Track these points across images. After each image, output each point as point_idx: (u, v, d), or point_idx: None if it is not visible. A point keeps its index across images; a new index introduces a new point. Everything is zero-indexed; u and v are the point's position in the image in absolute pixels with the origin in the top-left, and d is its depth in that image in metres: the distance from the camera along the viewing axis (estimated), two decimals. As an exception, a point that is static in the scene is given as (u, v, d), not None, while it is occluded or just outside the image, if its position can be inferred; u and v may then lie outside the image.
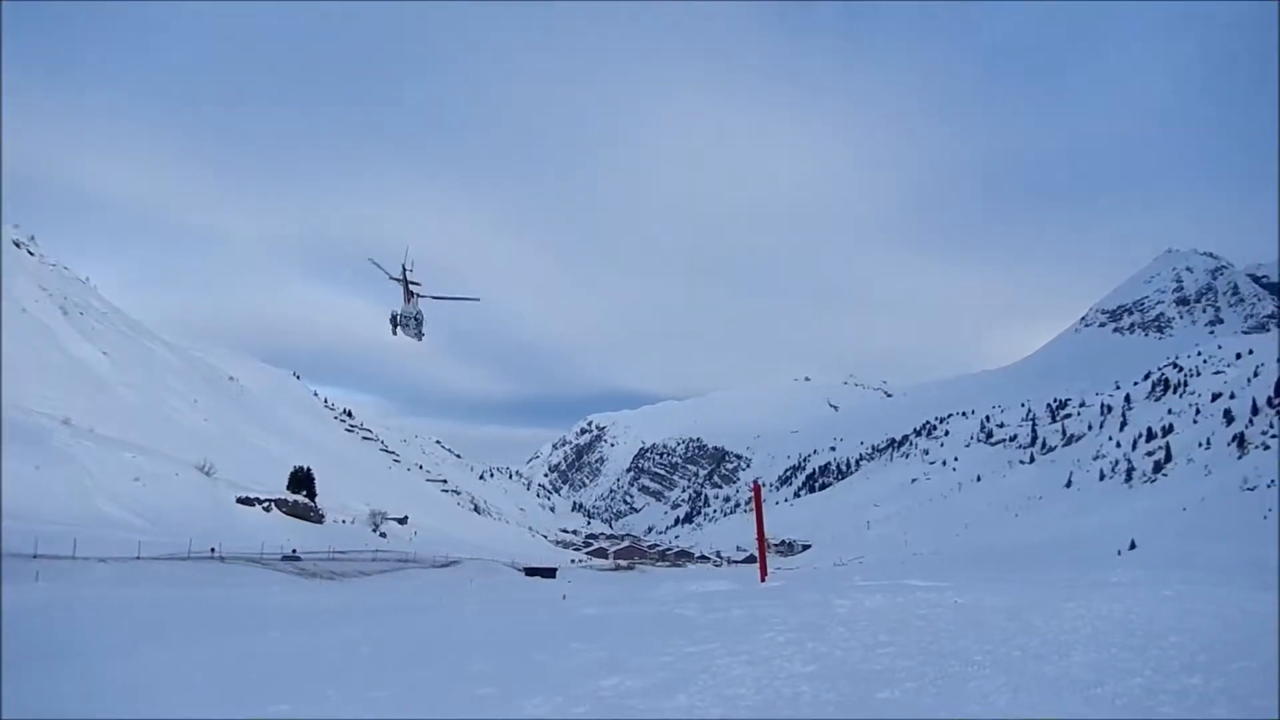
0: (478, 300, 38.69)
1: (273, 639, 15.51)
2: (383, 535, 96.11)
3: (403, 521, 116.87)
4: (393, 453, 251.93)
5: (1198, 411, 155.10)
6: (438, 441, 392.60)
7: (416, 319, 35.27)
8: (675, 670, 10.00)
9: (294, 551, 64.79)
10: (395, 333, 35.33)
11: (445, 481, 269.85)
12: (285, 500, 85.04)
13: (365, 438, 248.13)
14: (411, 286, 34.71)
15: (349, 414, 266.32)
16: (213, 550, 52.48)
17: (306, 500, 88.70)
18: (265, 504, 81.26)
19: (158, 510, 66.44)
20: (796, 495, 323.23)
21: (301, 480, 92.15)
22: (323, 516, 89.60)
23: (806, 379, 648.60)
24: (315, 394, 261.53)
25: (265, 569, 50.70)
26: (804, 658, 10.53)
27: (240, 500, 78.91)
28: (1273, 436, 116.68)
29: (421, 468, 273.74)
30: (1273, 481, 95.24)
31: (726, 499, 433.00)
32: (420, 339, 35.66)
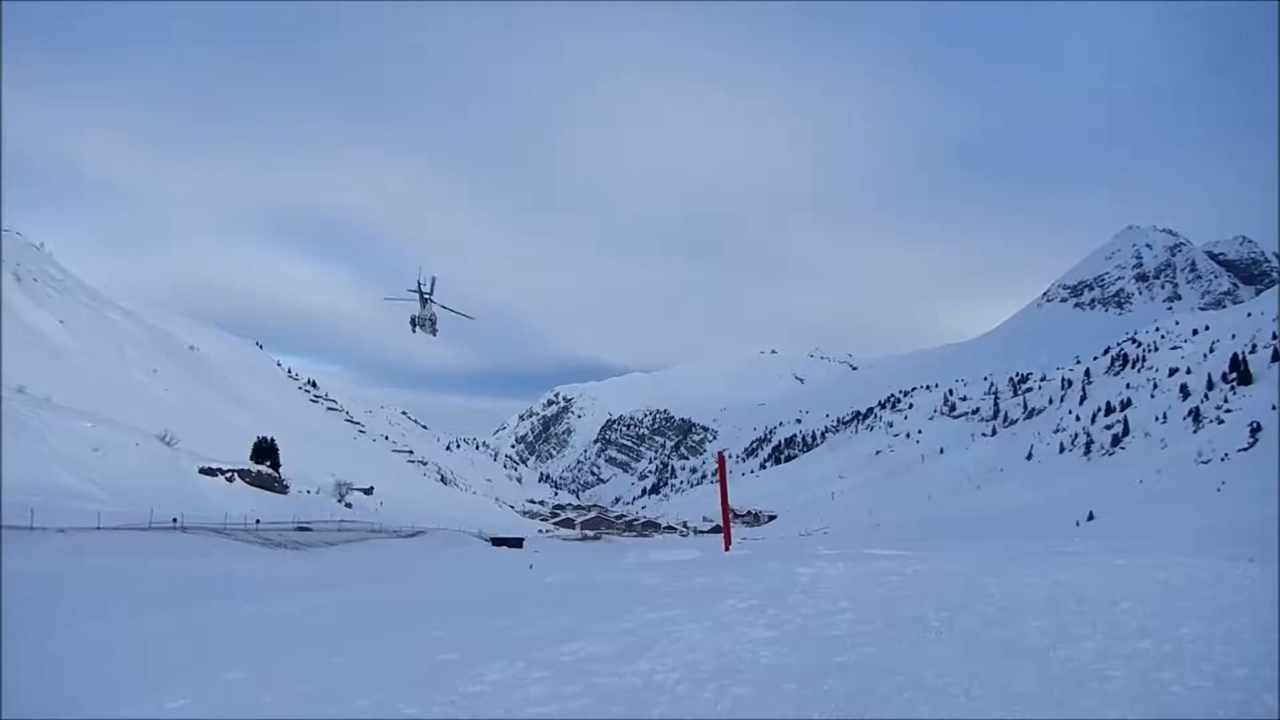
0: (472, 319, 47.36)
1: (234, 607, 15.42)
2: (348, 506, 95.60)
3: (368, 492, 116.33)
4: (358, 423, 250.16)
5: (1155, 386, 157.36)
6: (404, 412, 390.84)
7: (431, 320, 42.96)
8: (637, 636, 10.06)
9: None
10: (414, 331, 43.00)
11: (411, 452, 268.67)
12: (248, 471, 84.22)
13: (330, 408, 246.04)
14: (425, 297, 42.23)
15: (313, 384, 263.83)
16: (175, 520, 51.99)
17: (270, 471, 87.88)
18: (228, 474, 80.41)
19: (117, 480, 65.57)
20: (763, 467, 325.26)
21: (265, 451, 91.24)
22: (287, 487, 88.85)
23: (773, 352, 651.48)
24: (278, 364, 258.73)
25: (228, 539, 50.31)
26: (765, 623, 10.63)
27: (202, 471, 78.01)
28: (1227, 411, 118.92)
29: (387, 438, 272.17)
30: (1226, 455, 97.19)
31: (693, 470, 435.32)
32: (434, 335, 43.46)
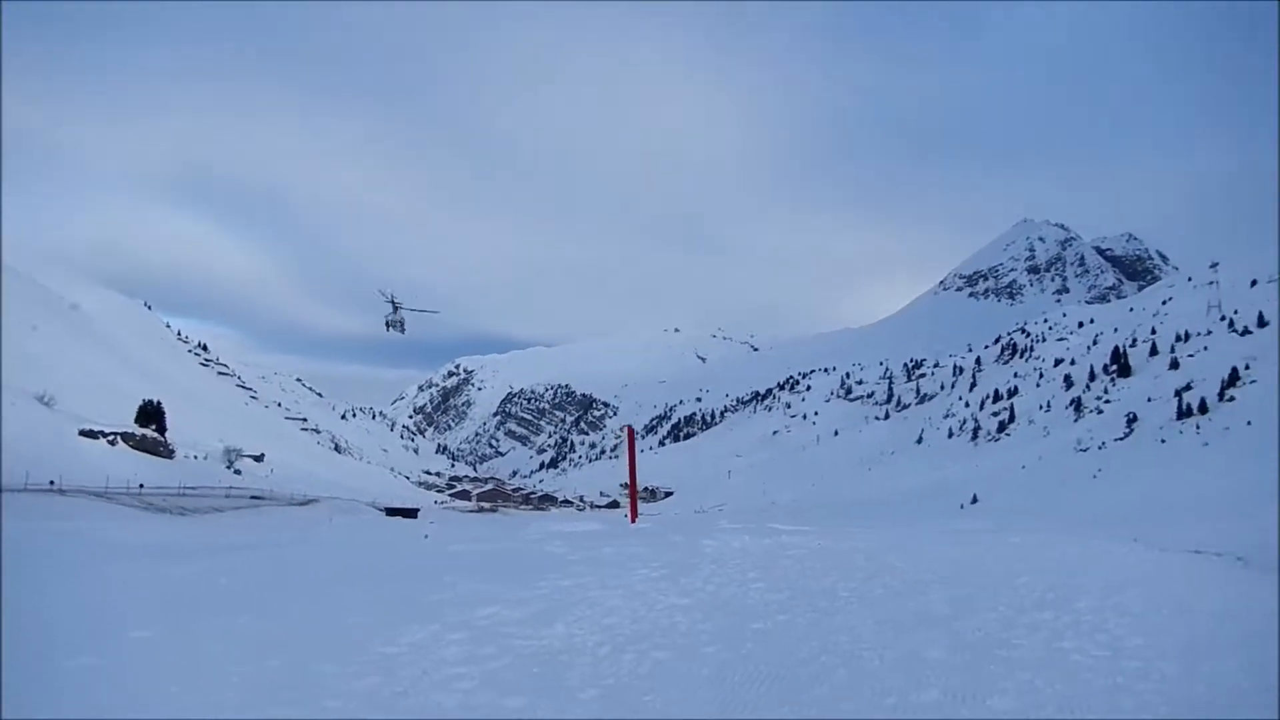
0: (437, 313, 60.87)
1: (124, 571, 14.77)
2: (237, 472, 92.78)
3: (259, 459, 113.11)
4: (250, 389, 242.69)
5: (1040, 376, 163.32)
6: (298, 379, 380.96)
7: (401, 322, 53.99)
8: (552, 601, 10.00)
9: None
10: (388, 330, 54.20)
11: (305, 420, 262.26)
12: (132, 434, 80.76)
13: (221, 373, 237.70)
14: (396, 304, 53.31)
15: (204, 347, 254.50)
16: (52, 483, 49.70)
17: (156, 435, 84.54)
18: (110, 437, 77.00)
19: (-10, 440, 62.29)
20: (661, 444, 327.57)
21: (150, 414, 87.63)
22: (173, 452, 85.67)
23: (676, 330, 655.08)
24: (168, 326, 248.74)
25: (109, 503, 48.37)
26: (678, 591, 10.68)
27: (82, 433, 74.60)
28: (1106, 402, 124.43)
29: (280, 405, 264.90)
30: (1104, 444, 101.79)
31: (593, 445, 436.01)
32: (403, 333, 54.76)
